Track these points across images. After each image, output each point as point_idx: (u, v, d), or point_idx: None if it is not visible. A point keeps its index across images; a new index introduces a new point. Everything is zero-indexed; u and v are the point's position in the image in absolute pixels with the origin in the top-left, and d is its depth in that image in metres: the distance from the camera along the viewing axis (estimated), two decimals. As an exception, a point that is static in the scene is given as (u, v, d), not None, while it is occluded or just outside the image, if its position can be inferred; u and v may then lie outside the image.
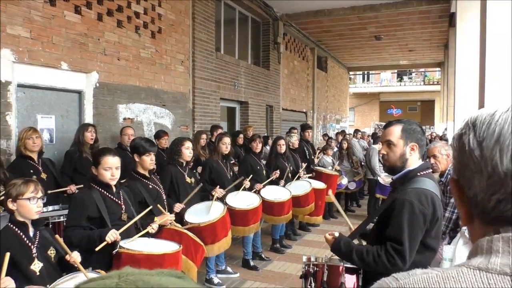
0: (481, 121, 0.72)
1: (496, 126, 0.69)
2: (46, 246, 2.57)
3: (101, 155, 3.07)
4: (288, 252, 6.23)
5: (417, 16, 11.16)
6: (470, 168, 0.71)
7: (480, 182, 0.69)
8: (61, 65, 5.10)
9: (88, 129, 4.86)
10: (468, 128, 0.73)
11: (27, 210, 2.47)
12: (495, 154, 0.68)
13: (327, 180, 7.00)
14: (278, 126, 11.54)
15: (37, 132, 4.30)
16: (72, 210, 3.03)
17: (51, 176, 4.37)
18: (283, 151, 6.28)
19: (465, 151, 0.72)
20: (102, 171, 3.02)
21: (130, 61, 6.19)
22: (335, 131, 14.93)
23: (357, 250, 2.16)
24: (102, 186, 3.07)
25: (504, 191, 0.67)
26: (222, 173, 5.09)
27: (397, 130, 2.17)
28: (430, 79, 27.19)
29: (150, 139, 4.09)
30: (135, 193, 3.54)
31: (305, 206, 5.96)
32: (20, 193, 2.46)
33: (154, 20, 6.69)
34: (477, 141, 0.70)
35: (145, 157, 3.66)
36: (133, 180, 3.69)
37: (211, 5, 8.17)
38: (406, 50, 16.03)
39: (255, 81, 10.17)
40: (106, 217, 2.97)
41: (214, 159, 5.13)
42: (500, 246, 0.65)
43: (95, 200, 2.97)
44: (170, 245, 3.11)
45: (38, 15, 4.80)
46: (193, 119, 7.70)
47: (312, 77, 14.72)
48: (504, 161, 0.67)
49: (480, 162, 0.69)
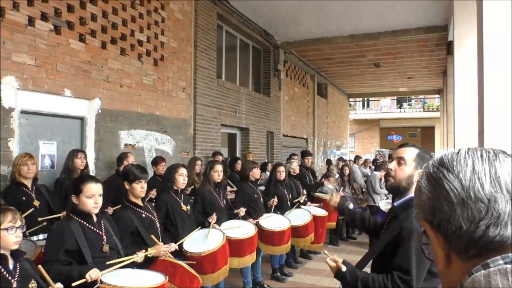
0: (449, 159, 0.75)
1: (466, 160, 0.73)
2: (27, 279, 2.39)
3: (82, 182, 2.93)
4: (289, 280, 6.13)
5: (415, 45, 11.34)
6: (450, 201, 0.71)
7: (465, 212, 0.70)
8: (64, 92, 5.16)
9: (78, 155, 4.76)
10: (437, 168, 0.76)
11: (5, 241, 2.31)
12: (475, 182, 0.70)
13: (328, 207, 6.95)
14: (278, 152, 11.55)
15: (33, 158, 4.21)
16: (49, 244, 2.86)
17: (44, 204, 4.25)
18: (282, 178, 6.20)
19: (442, 185, 0.73)
20: (85, 199, 2.87)
21: (133, 88, 6.26)
22: (336, 157, 14.93)
23: (362, 279, 2.11)
24: (81, 216, 2.90)
25: (491, 216, 0.68)
26: (215, 202, 4.92)
27: (413, 153, 2.15)
28: (430, 106, 27.37)
29: (142, 166, 3.96)
30: (126, 223, 3.41)
31: (305, 236, 5.78)
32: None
33: (156, 48, 6.81)
34: (453, 174, 0.73)
35: (135, 185, 3.54)
36: (125, 209, 3.56)
37: (212, 33, 8.32)
38: (405, 77, 16.21)
39: (256, 108, 10.25)
40: (86, 250, 2.80)
41: (206, 188, 4.96)
42: (498, 280, 0.63)
43: (73, 232, 2.79)
44: (155, 277, 2.89)
45: (43, 43, 4.89)
46: (194, 145, 7.72)
47: (313, 103, 14.84)
48: (485, 187, 0.69)
49: (461, 192, 0.70)
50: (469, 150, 0.76)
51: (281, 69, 11.37)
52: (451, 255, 0.73)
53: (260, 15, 9.25)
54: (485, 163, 0.72)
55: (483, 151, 0.75)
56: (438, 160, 0.78)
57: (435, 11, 8.89)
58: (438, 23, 9.70)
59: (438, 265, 0.76)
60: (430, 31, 10.01)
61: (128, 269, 2.96)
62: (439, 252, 0.75)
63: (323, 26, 9.92)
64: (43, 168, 5.03)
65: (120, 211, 3.60)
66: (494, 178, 0.70)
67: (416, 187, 0.82)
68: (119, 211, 3.63)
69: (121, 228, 3.35)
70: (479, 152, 0.74)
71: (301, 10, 8.78)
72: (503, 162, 0.72)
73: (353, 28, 10.13)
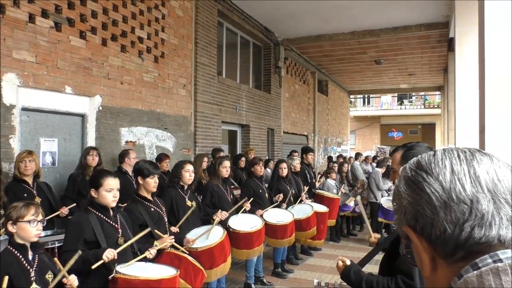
0: (427, 162, 0.74)
1: (444, 161, 0.72)
2: (44, 270, 2.55)
3: (102, 177, 3.07)
4: (290, 276, 6.15)
5: (416, 41, 11.32)
6: (432, 205, 0.69)
7: (448, 215, 0.68)
8: (65, 89, 5.16)
9: (90, 153, 4.88)
10: (415, 171, 0.74)
11: (27, 232, 2.47)
12: (456, 184, 0.69)
13: (329, 204, 6.97)
14: (279, 149, 11.56)
15: (32, 155, 4.24)
16: (68, 234, 3.01)
17: (45, 201, 4.30)
18: (284, 174, 6.28)
19: (422, 189, 0.71)
20: (104, 193, 3.02)
21: (133, 85, 6.26)
22: (336, 154, 14.94)
23: (367, 280, 2.15)
24: (99, 209, 3.04)
25: (475, 217, 0.67)
26: (223, 197, 5.08)
27: (398, 157, 2.17)
28: (431, 103, 27.33)
29: (153, 161, 4.10)
30: (135, 216, 3.52)
31: (307, 230, 5.92)
32: (21, 215, 2.47)
33: (157, 44, 6.80)
34: (432, 176, 0.71)
35: (149, 179, 3.68)
36: (134, 203, 3.68)
37: (213, 30, 8.31)
38: (406, 74, 16.19)
39: (256, 105, 10.24)
40: (102, 241, 2.94)
41: (215, 182, 5.12)
42: (491, 280, 0.62)
43: (91, 223, 2.95)
44: (167, 270, 3.08)
45: (44, 40, 4.89)
46: (195, 142, 7.72)
47: (313, 100, 14.82)
48: (467, 188, 0.68)
49: (443, 195, 0.69)
50: (444, 151, 0.75)
51: (281, 66, 11.35)
52: (436, 260, 0.71)
53: (260, 12, 9.24)
54: (463, 163, 0.71)
55: (459, 151, 0.73)
56: (415, 163, 0.76)
57: (436, 7, 8.87)
58: (439, 19, 9.68)
59: (423, 271, 0.74)
60: (431, 27, 9.99)
61: (142, 263, 3.12)
62: (424, 257, 0.72)
63: (323, 23, 9.90)
64: (44, 165, 5.03)
65: (130, 204, 3.70)
66: (474, 178, 0.69)
67: (394, 191, 0.78)
68: (129, 204, 3.72)
69: (131, 221, 3.44)
70: (455, 152, 0.73)
71: (302, 7, 8.76)
72: (481, 161, 0.71)
73: (354, 24, 10.11)
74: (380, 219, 8.05)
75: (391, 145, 24.52)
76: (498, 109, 3.09)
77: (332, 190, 8.06)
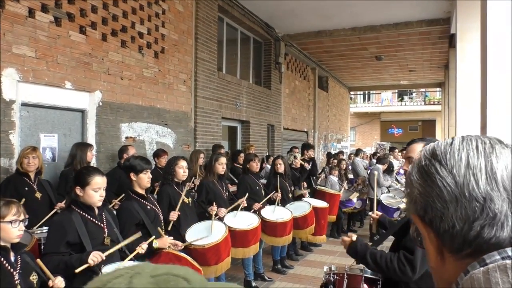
0: (442, 151, 0.70)
1: (461, 153, 0.68)
2: (28, 272, 2.39)
3: (89, 175, 2.88)
4: (290, 272, 6.16)
5: (417, 37, 11.29)
6: (443, 198, 0.67)
7: (458, 211, 0.65)
8: (65, 84, 5.14)
9: (91, 149, 4.90)
10: (429, 160, 0.70)
11: (8, 233, 2.30)
12: (469, 179, 0.65)
13: (329, 200, 6.98)
14: (279, 145, 11.55)
15: (36, 152, 4.24)
16: (50, 236, 2.82)
17: (46, 197, 4.29)
18: (280, 170, 6.25)
19: (434, 181, 0.68)
20: (91, 192, 2.84)
21: (133, 80, 6.24)
22: (336, 151, 14.93)
23: (371, 253, 2.25)
24: (83, 208, 2.86)
25: (486, 216, 0.64)
26: (219, 194, 5.02)
27: (419, 147, 2.22)
28: (431, 99, 27.30)
29: (144, 157, 4.01)
30: (132, 215, 3.44)
31: (304, 228, 5.85)
32: (1, 215, 2.30)
33: (157, 40, 6.78)
34: (446, 169, 0.67)
35: (142, 175, 3.58)
36: (129, 201, 3.59)
37: (213, 26, 8.28)
38: (407, 71, 16.15)
39: (256, 101, 10.23)
40: (87, 242, 2.77)
41: (210, 179, 5.06)
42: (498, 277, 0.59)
43: (75, 224, 2.77)
44: None
45: (44, 35, 4.87)
46: (195, 138, 7.72)
47: (313, 96, 14.80)
48: (481, 185, 0.65)
49: (455, 190, 0.66)
50: (463, 140, 0.70)
51: (282, 62, 11.32)
52: (444, 253, 0.69)
53: (261, 7, 9.20)
54: (480, 157, 0.66)
55: (478, 142, 0.69)
56: (430, 151, 0.72)
57: (437, 3, 8.83)
58: (440, 15, 9.64)
59: (429, 261, 0.72)
60: (433, 24, 9.96)
61: (130, 262, 2.94)
62: (431, 249, 0.70)
63: (324, 18, 9.86)
64: (44, 161, 4.99)
65: (125, 202, 3.63)
66: (490, 174, 0.65)
67: (407, 178, 0.75)
68: (124, 202, 3.66)
69: (126, 219, 3.38)
70: (474, 143, 0.69)
71: (302, 2, 8.72)
72: (500, 155, 0.66)
73: (355, 20, 10.07)
74: (380, 215, 8.06)
75: (391, 142, 24.52)
76: (499, 105, 3.09)
77: (335, 186, 8.05)
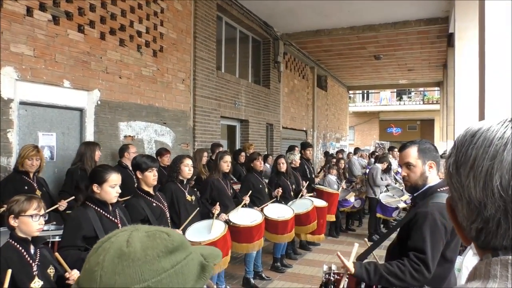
0: (462, 143, 0.69)
1: (472, 151, 0.66)
2: (46, 264, 2.53)
3: (106, 172, 3.02)
4: (288, 271, 6.16)
5: (415, 37, 11.30)
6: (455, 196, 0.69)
7: (463, 209, 0.67)
8: (63, 83, 5.14)
9: (99, 148, 4.97)
10: (453, 149, 0.71)
11: (29, 227, 2.44)
12: (469, 182, 0.66)
13: (328, 199, 6.99)
14: (278, 144, 11.55)
15: (39, 153, 4.26)
16: (67, 230, 2.95)
17: (45, 194, 4.30)
18: (283, 169, 6.30)
19: (448, 176, 0.70)
20: (108, 188, 2.98)
21: (132, 79, 6.23)
22: (335, 150, 14.94)
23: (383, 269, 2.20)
24: (98, 204, 2.99)
25: (481, 220, 0.65)
26: (223, 191, 5.09)
27: (414, 151, 2.27)
28: (429, 99, 27.32)
29: (150, 155, 4.10)
30: (137, 211, 3.50)
31: (307, 224, 5.95)
32: (23, 209, 2.44)
33: (156, 39, 6.77)
34: (456, 166, 0.69)
35: (148, 173, 3.66)
36: (136, 198, 3.67)
37: (212, 25, 8.27)
38: (405, 70, 16.17)
39: (255, 100, 10.22)
40: (102, 236, 2.85)
41: (215, 177, 5.12)
42: (498, 270, 0.61)
43: (90, 219, 2.90)
44: None
45: (42, 33, 4.86)
46: (194, 137, 7.71)
47: (312, 95, 14.80)
48: (477, 190, 0.64)
49: (459, 189, 0.67)
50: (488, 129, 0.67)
51: (280, 61, 11.32)
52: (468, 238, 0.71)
53: (260, 6, 9.19)
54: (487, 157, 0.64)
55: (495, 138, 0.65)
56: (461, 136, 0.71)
57: (436, 2, 8.84)
58: (439, 15, 9.64)
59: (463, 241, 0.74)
60: (431, 23, 9.96)
61: None
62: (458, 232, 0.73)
63: (323, 17, 9.86)
64: (43, 160, 5.02)
65: (132, 199, 3.69)
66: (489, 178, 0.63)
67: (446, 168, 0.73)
68: (131, 199, 3.72)
69: (132, 215, 3.44)
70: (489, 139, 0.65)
71: (301, 1, 8.71)
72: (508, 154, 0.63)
73: (354, 19, 10.07)
74: (379, 214, 8.06)
75: (390, 141, 24.54)
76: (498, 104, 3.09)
77: (333, 185, 8.06)
